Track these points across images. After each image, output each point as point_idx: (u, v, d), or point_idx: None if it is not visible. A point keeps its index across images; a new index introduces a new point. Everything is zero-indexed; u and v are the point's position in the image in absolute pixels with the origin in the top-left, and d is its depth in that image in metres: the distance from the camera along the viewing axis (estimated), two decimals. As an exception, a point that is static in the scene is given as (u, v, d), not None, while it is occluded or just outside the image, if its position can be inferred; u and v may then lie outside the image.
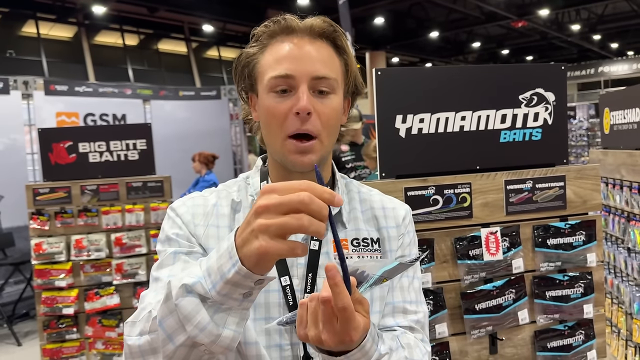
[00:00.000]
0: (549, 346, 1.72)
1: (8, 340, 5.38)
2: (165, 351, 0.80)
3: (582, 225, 1.74)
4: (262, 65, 1.01)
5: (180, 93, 8.04)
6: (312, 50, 0.99)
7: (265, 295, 1.00)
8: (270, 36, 1.01)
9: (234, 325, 0.77)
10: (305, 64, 0.97)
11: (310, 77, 0.97)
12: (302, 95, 0.96)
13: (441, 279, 1.66)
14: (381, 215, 1.12)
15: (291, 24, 1.00)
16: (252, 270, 0.72)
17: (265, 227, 0.69)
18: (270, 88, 0.98)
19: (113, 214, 3.53)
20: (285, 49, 0.99)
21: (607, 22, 18.11)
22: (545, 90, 1.73)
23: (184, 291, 0.76)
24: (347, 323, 0.74)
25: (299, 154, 0.98)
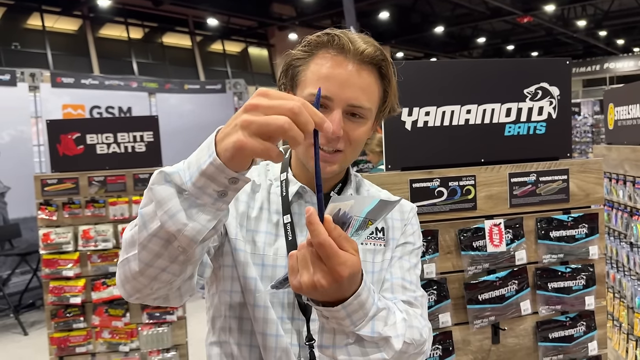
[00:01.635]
0: (551, 337, 1.74)
1: (15, 330, 5.45)
2: (140, 238, 0.81)
3: (585, 218, 1.76)
4: (305, 75, 1.04)
5: (186, 86, 8.07)
6: (356, 77, 1.01)
7: (273, 269, 1.06)
8: (320, 47, 1.03)
9: (204, 221, 0.77)
10: (345, 90, 1.00)
11: (346, 103, 1.00)
12: (335, 119, 0.98)
13: (445, 269, 1.69)
14: None
15: (344, 45, 1.00)
16: (226, 164, 0.72)
17: (247, 123, 0.70)
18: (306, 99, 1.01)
19: (120, 205, 3.57)
20: (331, 69, 1.00)
21: (613, 18, 18.02)
22: (549, 84, 1.75)
23: (161, 178, 0.78)
24: (331, 258, 0.74)
25: (322, 162, 1.01)
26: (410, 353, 0.96)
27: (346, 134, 1.02)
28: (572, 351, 1.76)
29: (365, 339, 0.88)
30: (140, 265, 0.83)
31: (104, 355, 3.56)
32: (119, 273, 0.90)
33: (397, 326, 0.93)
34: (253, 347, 1.07)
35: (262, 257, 1.07)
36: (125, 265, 0.87)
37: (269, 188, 1.15)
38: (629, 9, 16.84)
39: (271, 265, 1.07)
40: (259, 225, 1.10)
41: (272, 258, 1.07)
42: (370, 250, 1.11)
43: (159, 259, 0.81)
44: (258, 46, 19.08)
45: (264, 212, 1.11)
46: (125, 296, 0.92)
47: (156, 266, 0.82)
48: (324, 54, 1.02)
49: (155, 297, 0.91)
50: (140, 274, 0.84)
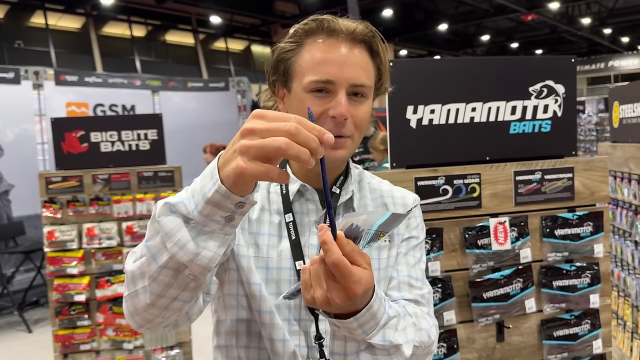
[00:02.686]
0: (555, 335, 1.74)
1: (19, 327, 5.47)
2: (149, 271, 0.81)
3: (590, 216, 1.76)
4: (299, 65, 1.02)
5: (189, 84, 8.07)
6: (352, 56, 1.01)
7: (278, 271, 1.05)
8: (309, 34, 1.02)
9: (214, 248, 0.78)
10: (346, 70, 0.99)
11: (349, 83, 0.99)
12: (341, 101, 0.98)
13: (450, 267, 1.68)
14: (390, 202, 1.17)
15: (334, 27, 1.00)
16: (231, 190, 0.73)
17: (246, 148, 0.70)
18: (308, 89, 1.00)
19: (124, 202, 3.58)
20: (327, 52, 1.00)
21: (617, 16, 17.95)
22: (555, 82, 1.74)
23: (167, 210, 0.78)
24: (346, 278, 0.75)
25: (331, 149, 0.99)
26: (418, 354, 0.97)
27: (352, 118, 1.01)
28: (576, 349, 1.76)
29: (376, 347, 0.88)
30: (152, 297, 0.83)
31: (108, 352, 3.57)
32: (127, 305, 0.89)
33: (407, 332, 0.94)
34: (261, 349, 1.06)
35: (266, 259, 1.06)
36: (133, 297, 0.86)
37: (268, 187, 1.12)
38: (634, 6, 16.77)
39: (276, 267, 1.05)
40: (261, 227, 1.08)
41: (277, 260, 1.05)
42: (375, 247, 1.10)
43: (170, 288, 0.82)
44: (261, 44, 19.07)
45: (265, 214, 1.09)
46: (135, 327, 0.92)
47: (167, 296, 0.83)
48: (314, 40, 1.01)
49: (165, 324, 0.92)
50: (151, 306, 0.84)
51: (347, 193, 1.12)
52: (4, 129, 5.89)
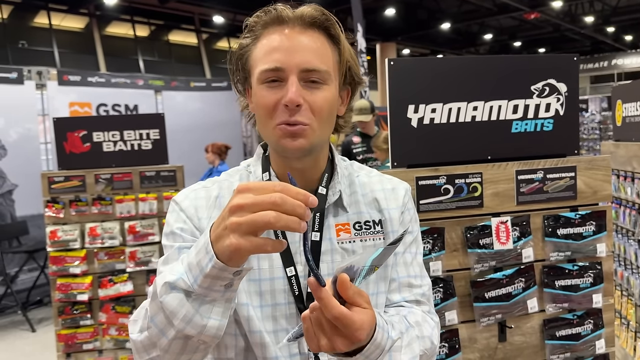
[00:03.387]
0: (558, 335, 1.74)
1: (22, 327, 5.48)
2: (160, 344, 0.84)
3: (593, 216, 1.75)
4: (253, 58, 1.00)
5: (192, 84, 8.08)
6: (303, 40, 0.97)
7: (271, 282, 1.02)
8: (263, 27, 1.00)
9: (219, 316, 0.81)
10: (295, 55, 0.96)
11: (299, 69, 0.96)
12: (291, 88, 0.94)
13: (451, 267, 1.68)
14: (382, 197, 1.13)
15: (282, 14, 0.98)
16: (227, 264, 0.75)
17: (237, 225, 0.72)
18: (261, 80, 0.98)
19: (127, 202, 3.58)
20: (276, 41, 0.97)
21: (621, 14, 17.88)
22: (557, 81, 1.73)
23: (167, 288, 0.80)
24: (348, 328, 0.76)
25: (289, 138, 0.97)
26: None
27: (307, 104, 0.96)
28: (579, 349, 1.75)
29: None
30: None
31: (111, 352, 3.57)
32: None
33: (413, 346, 0.95)
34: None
35: (258, 271, 1.02)
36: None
37: None
38: (637, 4, 16.70)
39: (269, 278, 1.02)
40: None
41: (269, 271, 1.03)
42: (370, 246, 1.08)
43: (183, 354, 0.85)
44: (264, 43, 19.03)
45: None
46: None
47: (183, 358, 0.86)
48: (267, 32, 0.99)
49: None
50: None
51: (335, 193, 1.08)
52: (8, 129, 5.91)
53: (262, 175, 1.08)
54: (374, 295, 1.07)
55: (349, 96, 1.10)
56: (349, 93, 1.10)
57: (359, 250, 1.06)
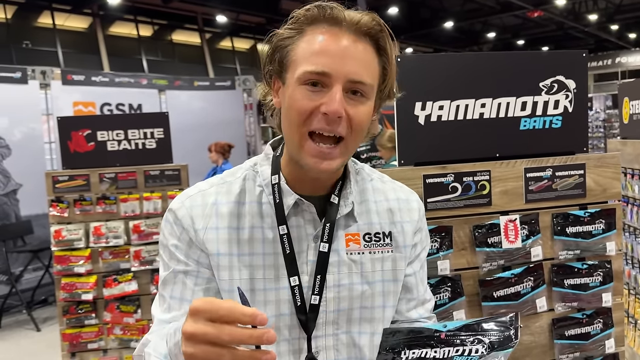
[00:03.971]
0: (567, 334, 1.72)
1: (27, 326, 5.50)
2: None
3: (602, 214, 1.73)
4: (296, 54, 0.93)
5: (195, 83, 8.08)
6: (354, 49, 0.92)
7: (277, 292, 1.00)
8: (310, 22, 0.94)
9: None
10: (345, 63, 0.90)
11: (346, 79, 0.90)
12: (335, 97, 0.89)
13: (459, 266, 1.66)
14: (396, 207, 1.10)
15: (337, 15, 0.92)
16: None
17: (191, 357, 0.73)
18: (301, 80, 0.92)
19: (131, 201, 3.58)
20: (325, 42, 0.91)
21: (625, 12, 17.81)
22: (565, 77, 1.71)
23: None
24: None
25: (318, 158, 0.93)
26: None
27: (347, 116, 0.91)
28: (588, 349, 1.73)
29: None
30: None
31: (116, 351, 3.57)
32: None
33: None
34: None
35: (263, 281, 0.99)
36: None
37: (260, 197, 1.02)
38: (641, 2, 16.65)
39: (274, 288, 0.99)
40: (254, 246, 1.00)
41: (274, 281, 0.99)
42: (379, 259, 1.06)
43: None
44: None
45: (256, 231, 1.01)
46: None
47: None
48: (314, 29, 0.93)
49: None
50: None
51: (347, 205, 1.03)
52: (12, 129, 5.91)
53: (271, 177, 1.03)
54: (380, 309, 1.06)
55: (377, 109, 1.04)
56: (378, 107, 1.03)
57: (367, 263, 1.04)
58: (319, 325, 1.01)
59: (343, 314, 1.03)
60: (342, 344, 1.03)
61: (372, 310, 1.05)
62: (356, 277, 1.03)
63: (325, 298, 1.01)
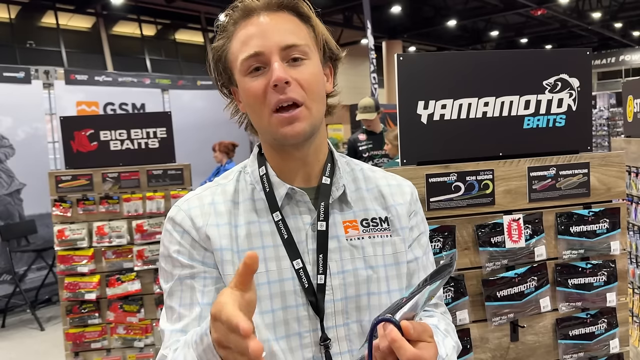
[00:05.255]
0: (571, 334, 1.71)
1: (31, 325, 5.51)
2: None
3: (606, 213, 1.72)
4: (232, 54, 1.00)
5: (198, 82, 8.08)
6: (274, 22, 0.98)
7: (280, 284, 0.99)
8: (234, 24, 1.00)
9: None
10: (271, 37, 0.96)
11: (279, 47, 0.96)
12: (275, 68, 0.94)
13: (462, 265, 1.65)
14: (388, 192, 1.12)
15: (249, 5, 0.98)
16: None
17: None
18: (244, 71, 0.97)
19: (134, 201, 3.58)
20: (248, 29, 0.98)
21: (628, 10, 17.75)
22: (569, 76, 1.70)
23: None
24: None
25: (287, 125, 0.96)
26: None
27: (295, 82, 0.96)
28: (593, 349, 1.72)
29: None
30: None
31: (119, 350, 3.57)
32: None
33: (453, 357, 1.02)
34: None
35: (266, 274, 0.99)
36: None
37: (252, 195, 1.05)
38: (645, -1, 16.57)
39: (278, 280, 0.99)
40: (253, 241, 1.01)
41: (277, 272, 1.00)
42: (379, 243, 1.07)
43: None
44: (270, 42, 19.03)
45: (254, 226, 1.02)
46: None
47: None
48: (239, 27, 0.99)
49: None
50: None
51: (339, 188, 1.06)
52: (16, 128, 5.92)
53: (258, 169, 1.07)
54: (386, 294, 1.06)
55: (332, 73, 1.10)
56: (331, 70, 1.09)
57: (367, 248, 1.05)
58: (328, 315, 1.01)
59: (351, 302, 1.03)
60: (354, 333, 1.03)
61: (379, 297, 1.05)
62: (359, 262, 1.04)
63: (332, 286, 1.01)
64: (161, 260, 1.03)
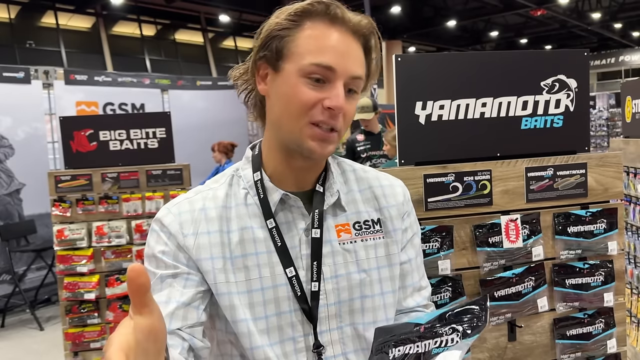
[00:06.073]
0: (569, 334, 1.71)
1: (31, 325, 5.51)
2: None
3: (604, 213, 1.72)
4: (298, 45, 0.95)
5: (198, 83, 8.08)
6: (353, 48, 0.97)
7: (274, 290, 0.99)
8: (311, 16, 0.96)
9: None
10: (348, 61, 0.95)
11: (348, 75, 0.95)
12: (340, 93, 0.94)
13: (460, 266, 1.66)
14: (380, 194, 1.12)
15: (340, 15, 0.96)
16: None
17: None
18: (305, 73, 0.94)
19: (133, 201, 3.58)
20: (331, 39, 0.95)
21: (628, 10, 17.75)
22: (567, 76, 1.71)
23: None
24: None
25: (320, 142, 0.96)
26: None
27: (343, 112, 0.97)
28: (590, 349, 1.73)
29: None
30: None
31: (118, 350, 3.57)
32: None
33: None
34: None
35: (259, 280, 0.99)
36: None
37: (245, 199, 1.03)
38: (645, 0, 16.58)
39: (271, 286, 0.99)
40: (246, 247, 1.00)
41: (271, 279, 0.99)
42: (371, 246, 1.07)
43: None
44: (269, 42, 19.01)
45: (247, 232, 1.01)
46: None
47: None
48: (314, 24, 0.95)
49: None
50: None
51: (333, 194, 1.06)
52: (15, 128, 5.93)
53: (252, 175, 1.05)
54: (380, 296, 1.06)
55: None
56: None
57: (360, 251, 1.05)
58: (322, 319, 1.01)
59: (345, 305, 1.03)
60: (348, 336, 1.03)
61: (372, 299, 1.05)
62: (352, 266, 1.04)
63: (325, 291, 1.01)
64: (146, 260, 1.02)
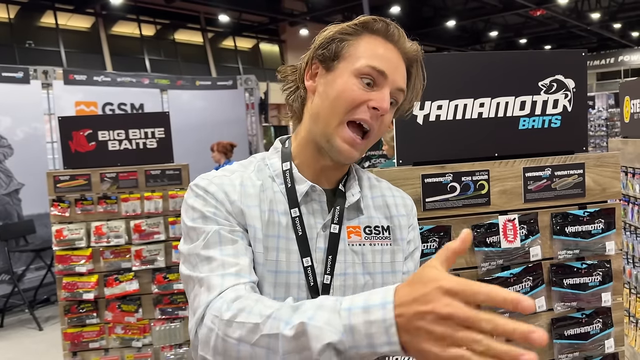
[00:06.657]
0: (566, 334, 1.71)
1: (30, 325, 5.51)
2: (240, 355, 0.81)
3: (601, 213, 1.72)
4: (357, 49, 1.03)
5: (197, 83, 8.08)
6: (402, 65, 1.06)
7: (287, 275, 1.02)
8: (371, 30, 1.04)
9: None
10: (396, 72, 1.03)
11: (395, 85, 1.03)
12: (386, 97, 1.00)
13: (458, 265, 1.66)
14: (392, 203, 1.16)
15: (393, 33, 1.05)
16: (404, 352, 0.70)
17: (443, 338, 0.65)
18: (360, 73, 1.01)
19: (132, 201, 3.58)
20: (386, 51, 1.03)
21: (627, 10, 17.76)
22: (565, 77, 1.71)
23: (326, 348, 0.73)
24: None
25: (350, 145, 1.01)
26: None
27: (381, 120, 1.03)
28: (588, 349, 1.73)
29: None
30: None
31: (117, 350, 3.58)
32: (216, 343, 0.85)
33: None
34: None
35: (275, 263, 1.02)
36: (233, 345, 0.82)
37: (273, 186, 1.08)
38: (644, 0, 16.58)
39: (285, 271, 1.02)
40: (270, 229, 1.03)
41: (285, 264, 1.02)
42: (378, 251, 1.10)
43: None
44: (269, 42, 19.07)
45: (274, 215, 1.05)
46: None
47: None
48: (372, 37, 1.04)
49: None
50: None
51: (354, 195, 1.10)
52: (14, 128, 5.93)
53: (281, 164, 1.09)
54: None
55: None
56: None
57: (367, 254, 1.09)
58: None
59: None
60: None
61: None
62: (358, 268, 1.07)
63: (333, 286, 1.04)
64: (191, 223, 1.00)
